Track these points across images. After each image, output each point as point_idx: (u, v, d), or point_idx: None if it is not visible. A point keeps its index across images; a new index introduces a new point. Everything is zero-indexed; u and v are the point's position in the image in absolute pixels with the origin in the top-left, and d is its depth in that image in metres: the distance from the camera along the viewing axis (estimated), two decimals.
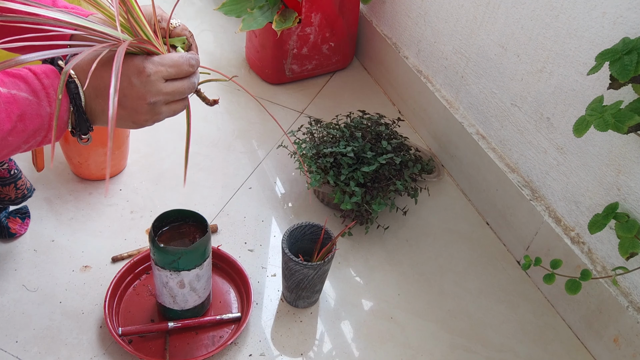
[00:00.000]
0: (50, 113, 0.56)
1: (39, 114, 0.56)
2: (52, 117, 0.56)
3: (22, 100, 0.54)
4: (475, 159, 1.12)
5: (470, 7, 1.06)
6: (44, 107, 0.56)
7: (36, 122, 0.55)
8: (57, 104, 0.52)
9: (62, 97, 0.56)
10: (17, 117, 0.54)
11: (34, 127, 0.55)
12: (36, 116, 0.55)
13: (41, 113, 0.56)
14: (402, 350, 0.89)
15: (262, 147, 1.22)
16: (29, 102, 0.55)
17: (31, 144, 0.57)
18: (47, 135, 0.58)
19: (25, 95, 0.55)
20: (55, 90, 0.56)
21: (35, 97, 0.55)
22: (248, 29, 1.24)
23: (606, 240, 0.87)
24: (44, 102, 0.56)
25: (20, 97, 0.54)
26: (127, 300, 0.90)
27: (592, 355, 0.92)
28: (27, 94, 0.55)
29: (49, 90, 0.56)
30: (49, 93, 0.56)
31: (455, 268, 1.03)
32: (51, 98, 0.56)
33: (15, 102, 0.54)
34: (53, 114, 0.56)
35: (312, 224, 0.90)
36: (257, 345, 0.88)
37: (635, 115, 0.68)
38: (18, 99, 0.54)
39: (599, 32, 0.81)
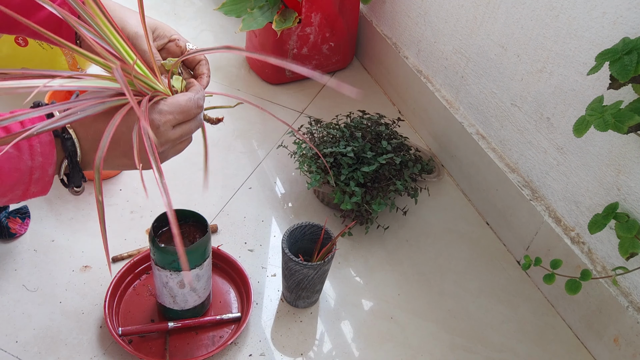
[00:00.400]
0: (31, 167, 0.52)
1: (18, 168, 0.51)
2: (33, 171, 0.52)
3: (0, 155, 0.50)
4: (475, 159, 1.12)
5: (470, 7, 1.06)
6: (24, 161, 0.51)
7: (13, 177, 0.51)
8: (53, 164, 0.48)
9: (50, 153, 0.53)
10: None
11: (11, 181, 0.51)
12: (14, 170, 0.51)
13: (20, 167, 0.51)
14: (402, 350, 0.89)
15: (262, 147, 1.22)
16: (7, 156, 0.50)
17: (9, 197, 0.53)
18: (28, 189, 0.54)
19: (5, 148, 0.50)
20: (41, 142, 0.52)
21: (17, 150, 0.51)
22: (248, 29, 1.24)
23: (606, 240, 0.87)
24: (25, 155, 0.51)
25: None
26: (127, 300, 0.90)
27: (592, 355, 0.92)
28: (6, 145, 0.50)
29: (33, 142, 0.52)
30: (33, 145, 0.52)
31: (455, 268, 1.03)
32: (34, 151, 0.52)
33: None
34: (34, 168, 0.52)
35: (312, 224, 0.90)
36: (257, 345, 0.88)
37: (635, 115, 0.68)
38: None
39: (599, 32, 0.81)
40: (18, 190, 0.53)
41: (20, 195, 0.54)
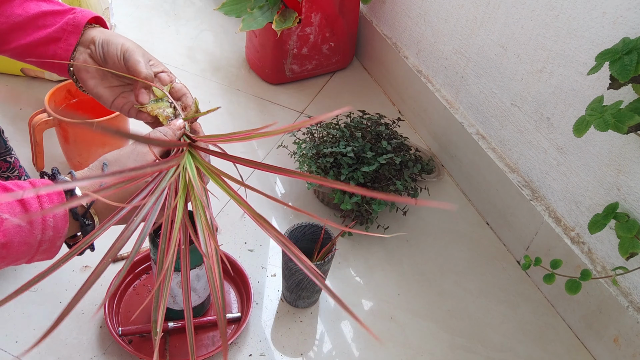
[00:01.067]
0: (40, 240, 0.51)
1: (27, 242, 0.50)
2: (42, 244, 0.51)
3: (11, 229, 0.49)
4: (475, 159, 1.12)
5: (470, 7, 1.06)
6: (34, 236, 0.50)
7: (21, 249, 0.51)
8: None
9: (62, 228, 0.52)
10: (0, 245, 0.49)
11: (17, 254, 0.51)
12: (23, 244, 0.50)
13: (29, 241, 0.50)
14: (402, 350, 0.89)
15: (262, 147, 1.22)
16: (19, 230, 0.49)
17: (13, 264, 0.53)
18: (33, 258, 0.53)
19: (18, 221, 0.50)
20: (55, 217, 0.51)
21: (29, 224, 0.50)
22: (248, 29, 1.24)
23: (606, 240, 0.87)
24: (36, 230, 0.50)
25: (11, 225, 0.49)
26: (127, 300, 0.90)
27: (592, 355, 0.92)
28: (20, 220, 0.50)
29: (47, 217, 0.51)
30: (46, 220, 0.51)
31: (455, 268, 1.03)
32: (47, 226, 0.51)
33: (2, 230, 0.49)
34: (43, 242, 0.51)
35: (312, 224, 0.90)
36: (257, 345, 0.88)
37: (635, 115, 0.68)
38: (7, 227, 0.49)
39: (599, 32, 0.81)
40: (23, 260, 0.53)
41: (25, 262, 0.54)
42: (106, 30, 0.69)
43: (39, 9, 0.67)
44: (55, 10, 0.67)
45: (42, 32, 0.67)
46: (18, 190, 0.51)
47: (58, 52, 0.67)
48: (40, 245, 0.52)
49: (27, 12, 0.67)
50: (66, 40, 0.67)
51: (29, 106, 1.22)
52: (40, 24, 0.67)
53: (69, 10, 0.68)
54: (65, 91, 1.08)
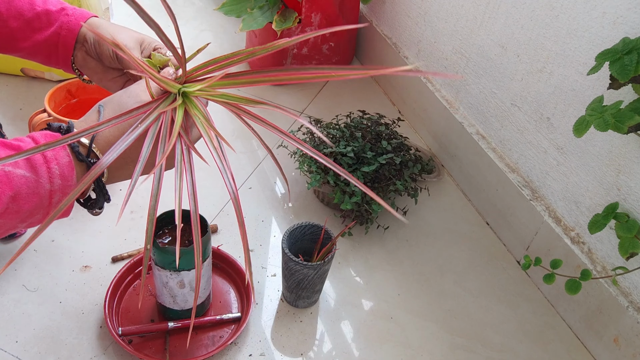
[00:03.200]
0: (50, 191, 0.50)
1: (37, 192, 0.50)
2: (53, 195, 0.51)
3: (17, 179, 0.48)
4: (475, 159, 1.12)
5: (470, 7, 1.06)
6: (42, 185, 0.50)
7: (33, 201, 0.50)
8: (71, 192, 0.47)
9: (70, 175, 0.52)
10: (10, 199, 0.48)
11: (30, 206, 0.50)
12: (33, 195, 0.50)
13: (39, 192, 0.50)
14: (402, 350, 0.89)
15: (262, 147, 1.22)
16: (25, 181, 0.49)
17: (29, 222, 0.52)
18: (48, 213, 0.52)
19: (22, 172, 0.49)
20: (60, 164, 0.51)
21: (34, 173, 0.50)
22: (248, 29, 1.24)
23: (606, 240, 0.87)
24: (43, 178, 0.50)
25: (16, 175, 0.48)
26: (127, 300, 0.90)
27: (592, 355, 0.92)
28: (24, 170, 0.49)
29: (51, 164, 0.51)
30: (51, 168, 0.50)
31: (455, 268, 1.03)
32: (52, 173, 0.50)
33: (8, 181, 0.48)
34: (54, 192, 0.51)
35: (312, 224, 0.90)
36: (257, 345, 0.88)
37: (635, 115, 0.68)
38: (12, 178, 0.48)
39: (599, 32, 0.81)
40: (38, 215, 0.52)
41: (41, 219, 0.53)
42: (95, 24, 0.69)
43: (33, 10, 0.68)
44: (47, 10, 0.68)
45: (38, 36, 0.68)
46: (18, 143, 0.51)
47: (60, 54, 0.69)
48: (51, 196, 0.51)
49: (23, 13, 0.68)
50: (64, 45, 0.68)
51: (29, 106, 1.22)
52: (35, 27, 0.68)
53: (60, 10, 0.69)
54: (65, 91, 1.08)
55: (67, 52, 0.69)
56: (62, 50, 0.69)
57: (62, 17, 0.69)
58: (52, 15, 0.68)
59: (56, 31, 0.68)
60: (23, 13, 0.67)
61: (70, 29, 0.68)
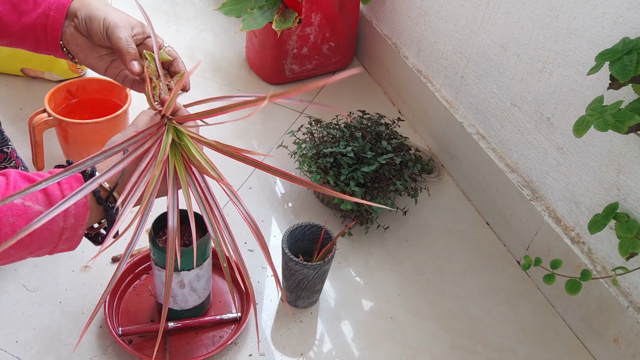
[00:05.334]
0: (62, 228, 0.52)
1: (50, 228, 0.51)
2: (64, 232, 0.52)
3: (34, 215, 0.49)
4: (475, 159, 1.12)
5: (470, 7, 1.06)
6: (57, 222, 0.51)
7: (45, 236, 0.51)
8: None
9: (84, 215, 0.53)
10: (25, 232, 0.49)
11: (41, 241, 0.51)
12: (46, 231, 0.51)
13: (52, 228, 0.51)
14: (402, 350, 0.89)
15: (262, 147, 1.22)
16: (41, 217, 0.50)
17: (37, 254, 0.53)
18: (56, 247, 0.54)
19: (40, 208, 0.50)
20: (76, 204, 0.52)
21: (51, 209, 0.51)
22: (248, 29, 1.24)
23: (606, 240, 0.87)
24: (58, 216, 0.51)
25: (33, 211, 0.49)
26: (127, 300, 0.90)
27: (592, 355, 0.92)
28: (42, 206, 0.50)
29: None
30: (67, 207, 0.51)
31: (455, 268, 1.03)
32: (68, 213, 0.52)
33: (25, 215, 0.49)
34: (65, 229, 0.52)
35: (312, 224, 0.90)
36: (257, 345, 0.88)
37: (635, 115, 0.68)
38: (30, 213, 0.49)
39: (599, 32, 0.81)
40: (46, 248, 0.53)
41: (48, 251, 0.54)
42: (87, 1, 0.68)
43: None
44: None
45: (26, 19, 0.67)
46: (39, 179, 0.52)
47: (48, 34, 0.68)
48: (62, 233, 0.52)
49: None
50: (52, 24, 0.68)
51: (29, 106, 1.22)
52: (22, 10, 0.67)
53: None
54: (65, 91, 1.08)
55: (56, 30, 0.68)
56: (51, 29, 0.68)
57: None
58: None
59: (44, 12, 0.67)
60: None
61: (61, 4, 0.67)
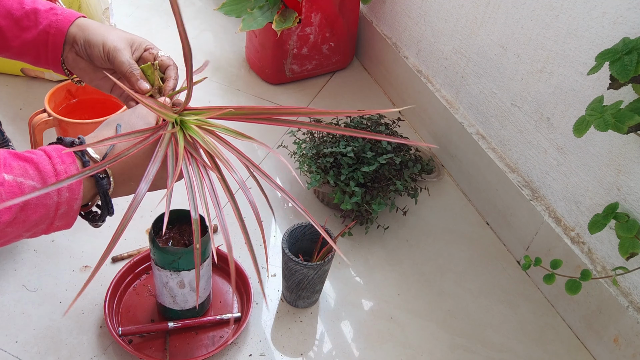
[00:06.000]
0: (57, 202, 0.52)
1: (44, 203, 0.51)
2: (59, 206, 0.52)
3: (27, 190, 0.50)
4: (475, 159, 1.12)
5: (470, 7, 1.06)
6: (50, 197, 0.51)
7: (40, 212, 0.51)
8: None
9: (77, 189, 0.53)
10: (19, 208, 0.50)
11: (36, 217, 0.51)
12: (41, 206, 0.51)
13: (47, 202, 0.51)
14: (402, 350, 0.89)
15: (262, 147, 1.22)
16: (34, 191, 0.49)
17: (33, 232, 0.53)
18: (52, 224, 0.54)
19: (33, 183, 0.50)
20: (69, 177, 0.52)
21: (44, 184, 0.51)
22: (248, 29, 1.24)
23: (606, 240, 0.87)
24: (52, 190, 0.52)
25: (26, 186, 0.50)
26: (127, 300, 0.90)
27: (592, 355, 0.92)
28: (35, 181, 0.50)
29: (60, 177, 0.52)
30: (60, 180, 0.51)
31: (455, 268, 1.03)
32: (61, 187, 0.52)
33: (19, 191, 0.49)
34: (60, 204, 0.52)
35: (312, 224, 0.90)
36: (257, 345, 0.88)
37: (635, 115, 0.68)
38: (23, 188, 0.50)
39: (599, 32, 0.81)
40: (42, 225, 0.53)
41: (44, 229, 0.54)
42: (84, 25, 0.69)
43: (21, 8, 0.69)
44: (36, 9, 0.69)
45: (27, 35, 0.69)
46: (30, 155, 0.52)
47: (49, 54, 0.70)
48: (58, 207, 0.52)
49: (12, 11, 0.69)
50: (53, 44, 0.69)
51: (29, 106, 1.22)
52: (24, 25, 0.69)
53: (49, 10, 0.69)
54: (65, 91, 1.08)
55: (57, 51, 0.69)
56: (52, 49, 0.69)
57: (51, 16, 0.69)
58: (40, 14, 0.69)
59: (45, 29, 0.68)
60: (12, 12, 0.68)
61: (59, 28, 0.68)
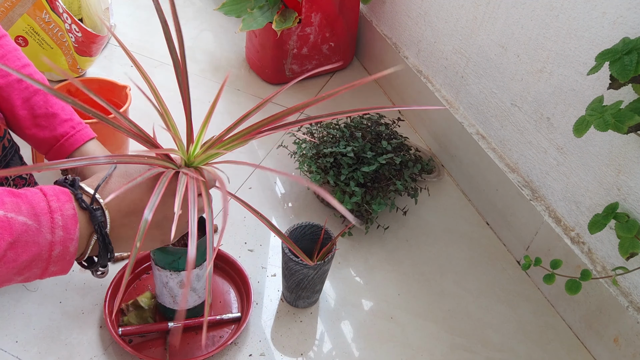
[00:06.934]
0: (51, 242, 0.49)
1: (37, 241, 0.49)
2: (53, 247, 0.50)
3: (18, 226, 0.47)
4: (475, 159, 1.12)
5: (470, 7, 1.06)
6: (43, 235, 0.49)
7: (32, 251, 0.49)
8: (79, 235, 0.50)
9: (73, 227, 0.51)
10: (8, 245, 0.47)
11: (27, 257, 0.48)
12: (32, 244, 0.48)
13: (39, 241, 0.49)
14: (402, 350, 0.89)
15: (262, 147, 1.22)
16: (26, 228, 0.48)
17: (27, 275, 0.50)
18: (47, 268, 0.51)
19: (24, 219, 0.48)
20: (63, 215, 0.50)
21: (36, 222, 0.49)
22: (248, 29, 1.24)
23: (606, 240, 0.87)
24: (45, 228, 0.49)
25: (17, 222, 0.47)
26: (127, 300, 0.90)
27: (592, 355, 0.92)
28: (26, 217, 0.48)
29: (54, 214, 0.50)
30: (54, 218, 0.50)
31: (455, 268, 1.03)
32: (55, 224, 0.50)
33: (9, 226, 0.47)
34: (55, 243, 0.50)
35: (312, 224, 0.90)
36: (257, 345, 0.88)
37: (635, 115, 0.68)
38: (13, 224, 0.47)
39: (599, 32, 0.81)
40: (36, 268, 0.51)
41: (39, 273, 0.51)
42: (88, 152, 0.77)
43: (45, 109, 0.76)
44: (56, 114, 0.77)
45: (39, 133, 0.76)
46: (24, 191, 0.50)
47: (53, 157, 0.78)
48: (51, 248, 0.50)
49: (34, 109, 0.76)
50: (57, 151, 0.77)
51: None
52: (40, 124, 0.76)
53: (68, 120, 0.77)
54: (65, 91, 1.08)
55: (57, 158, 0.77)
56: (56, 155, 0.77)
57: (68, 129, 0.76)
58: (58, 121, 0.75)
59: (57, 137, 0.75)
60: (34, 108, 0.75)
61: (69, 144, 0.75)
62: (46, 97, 0.75)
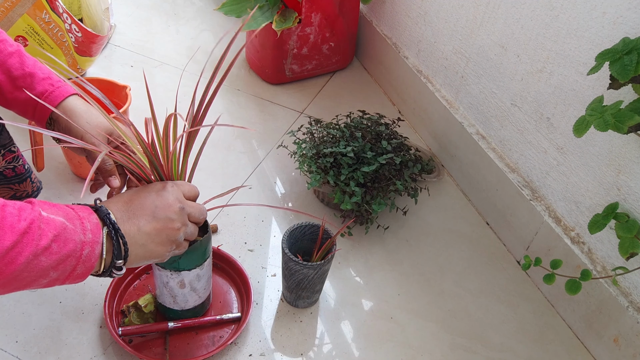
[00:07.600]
0: (82, 241, 0.58)
1: (73, 238, 0.57)
2: (84, 247, 0.58)
3: (58, 223, 0.56)
4: (475, 159, 1.12)
5: (470, 7, 1.06)
6: (77, 234, 0.58)
7: (69, 246, 0.57)
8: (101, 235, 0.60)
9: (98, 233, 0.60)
10: (53, 237, 0.55)
11: (67, 250, 0.57)
12: (70, 241, 0.57)
13: (74, 238, 0.57)
14: (402, 350, 0.89)
15: (262, 147, 1.22)
16: (64, 227, 0.57)
17: (59, 271, 0.57)
18: (75, 267, 0.58)
19: (62, 220, 0.57)
20: (90, 222, 0.60)
21: (71, 222, 0.58)
22: (248, 29, 1.24)
23: (606, 240, 0.87)
24: (78, 229, 0.58)
25: (57, 221, 0.56)
26: (127, 300, 0.90)
27: (592, 355, 0.92)
28: (63, 219, 0.57)
29: (83, 220, 0.59)
30: (83, 223, 0.59)
31: (455, 268, 1.03)
32: (85, 227, 0.59)
33: (53, 223, 0.56)
34: (85, 243, 0.58)
35: (312, 223, 0.90)
36: (257, 345, 0.88)
37: (635, 115, 0.68)
38: (56, 222, 0.56)
39: (599, 32, 0.81)
40: (69, 265, 0.57)
41: (67, 273, 0.58)
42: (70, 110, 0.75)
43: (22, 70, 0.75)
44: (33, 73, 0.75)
45: (20, 94, 0.75)
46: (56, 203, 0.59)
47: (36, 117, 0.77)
48: (83, 247, 0.58)
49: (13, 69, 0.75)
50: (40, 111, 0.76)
51: None
52: (19, 85, 0.74)
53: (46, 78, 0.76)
54: None
55: (42, 119, 0.76)
56: (39, 115, 0.76)
57: (46, 86, 0.75)
58: (36, 80, 0.74)
59: (36, 96, 0.74)
60: (11, 70, 0.74)
61: (49, 102, 0.74)
62: (21, 58, 0.75)
